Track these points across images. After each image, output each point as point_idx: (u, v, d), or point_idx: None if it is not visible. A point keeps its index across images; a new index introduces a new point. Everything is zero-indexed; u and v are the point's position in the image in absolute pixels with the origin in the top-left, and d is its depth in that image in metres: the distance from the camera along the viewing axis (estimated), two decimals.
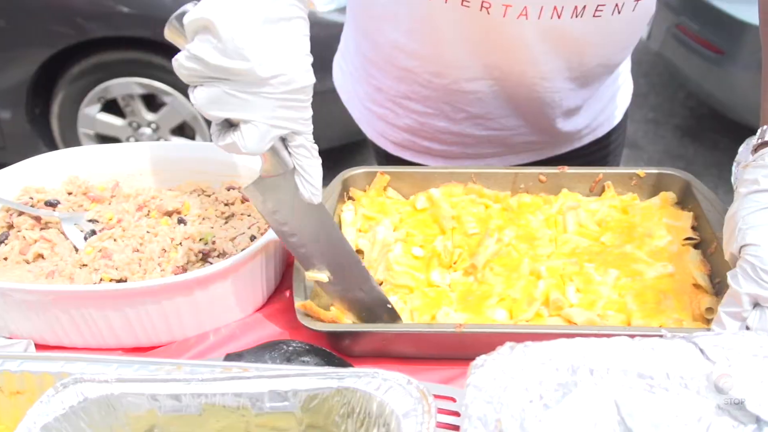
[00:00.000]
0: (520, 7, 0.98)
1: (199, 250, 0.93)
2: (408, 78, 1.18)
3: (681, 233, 0.98)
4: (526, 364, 0.63)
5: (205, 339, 0.90)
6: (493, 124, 1.21)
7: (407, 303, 0.89)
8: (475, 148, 1.26)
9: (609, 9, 1.00)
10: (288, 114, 0.70)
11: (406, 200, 1.08)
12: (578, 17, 1.00)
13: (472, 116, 1.20)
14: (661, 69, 3.98)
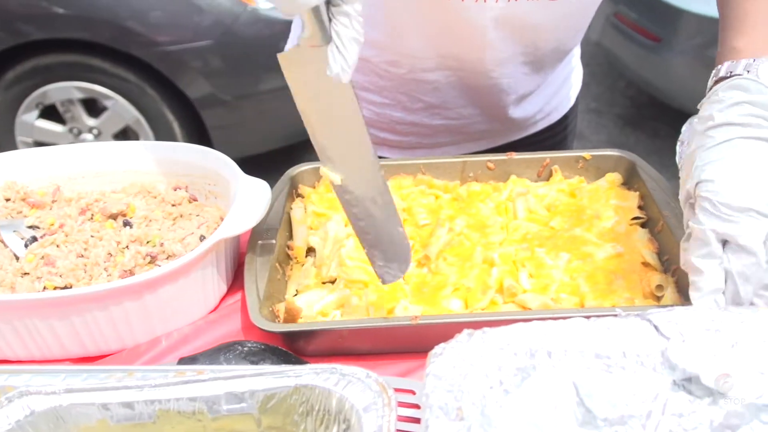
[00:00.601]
0: None
1: (146, 253, 0.91)
2: (365, 68, 1.17)
3: (628, 213, 0.99)
4: (485, 350, 0.63)
5: (157, 344, 0.87)
6: (450, 113, 1.22)
7: (362, 298, 0.88)
8: (431, 138, 1.25)
9: None
10: None
11: None
12: (535, 0, 1.01)
13: (429, 106, 1.19)
14: (601, 59, 4.05)
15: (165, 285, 0.84)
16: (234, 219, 0.88)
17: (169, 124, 2.81)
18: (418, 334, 0.81)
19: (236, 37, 2.63)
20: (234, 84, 2.76)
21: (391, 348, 0.84)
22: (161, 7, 2.57)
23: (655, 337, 0.63)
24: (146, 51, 2.60)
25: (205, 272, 0.89)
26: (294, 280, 0.94)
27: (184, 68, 2.66)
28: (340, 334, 0.82)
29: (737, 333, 0.63)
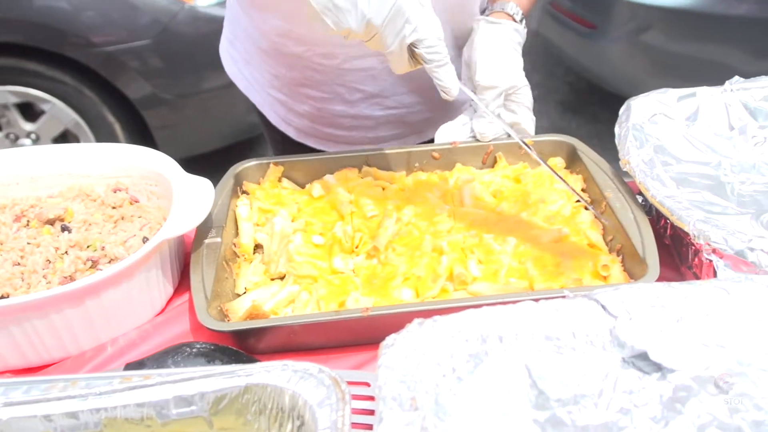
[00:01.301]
0: None
1: (87, 258, 0.88)
2: (299, 64, 1.15)
3: (572, 196, 1.01)
4: (436, 338, 0.63)
5: (103, 351, 0.85)
6: (390, 102, 1.21)
7: (312, 293, 0.87)
8: (375, 131, 1.25)
9: None
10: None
11: (302, 190, 1.06)
12: None
13: (368, 96, 1.18)
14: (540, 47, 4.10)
15: (107, 289, 0.82)
16: (176, 219, 0.86)
17: (111, 126, 2.74)
18: (371, 326, 0.80)
19: (175, 35, 2.58)
20: (175, 83, 2.70)
21: (344, 341, 0.84)
22: (95, 7, 2.49)
23: (602, 317, 0.64)
24: (82, 52, 2.53)
25: (149, 274, 0.86)
26: (242, 278, 0.92)
27: (123, 69, 2.59)
28: (291, 329, 0.81)
29: (681, 308, 0.64)
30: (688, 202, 0.88)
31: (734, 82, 1.07)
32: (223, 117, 2.90)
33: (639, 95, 1.05)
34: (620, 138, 0.98)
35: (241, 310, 0.84)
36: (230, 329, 0.80)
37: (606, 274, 0.88)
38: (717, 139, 1.03)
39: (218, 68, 2.75)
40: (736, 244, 0.79)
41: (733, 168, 0.99)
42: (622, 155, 0.96)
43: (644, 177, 0.91)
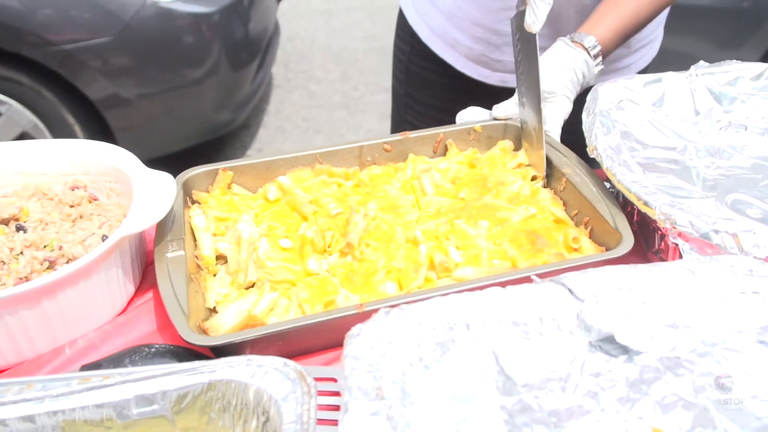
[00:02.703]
0: None
1: (44, 258, 0.85)
2: None
3: (528, 176, 1.02)
4: (403, 327, 0.62)
5: (61, 353, 0.82)
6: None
7: (292, 298, 0.84)
8: (496, 53, 1.26)
9: None
10: None
11: (253, 194, 1.03)
12: None
13: (506, 8, 1.20)
14: None
15: (65, 289, 0.79)
16: (137, 215, 0.84)
17: (71, 128, 2.67)
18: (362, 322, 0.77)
19: (137, 32, 2.52)
20: (138, 82, 2.64)
21: (333, 342, 0.81)
22: (52, 4, 2.42)
23: (570, 301, 0.64)
24: (39, 51, 2.45)
25: (108, 273, 0.84)
26: (210, 291, 0.88)
27: (83, 68, 2.52)
28: (283, 337, 0.77)
29: (647, 290, 0.64)
30: (654, 187, 0.88)
31: (699, 66, 1.08)
32: (190, 116, 2.85)
33: (606, 81, 1.05)
34: (587, 125, 0.98)
35: (224, 326, 0.79)
36: (226, 342, 0.75)
37: (577, 246, 0.90)
38: (683, 124, 1.04)
39: (182, 66, 2.72)
40: (701, 227, 0.80)
41: (699, 152, 1.00)
42: (590, 142, 0.96)
43: (611, 163, 0.91)
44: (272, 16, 3.38)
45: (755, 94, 1.06)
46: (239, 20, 2.86)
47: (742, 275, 0.66)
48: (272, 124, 3.69)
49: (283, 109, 3.81)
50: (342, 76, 4.08)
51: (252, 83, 3.06)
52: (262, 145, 3.51)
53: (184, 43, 2.64)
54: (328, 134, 3.54)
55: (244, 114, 3.11)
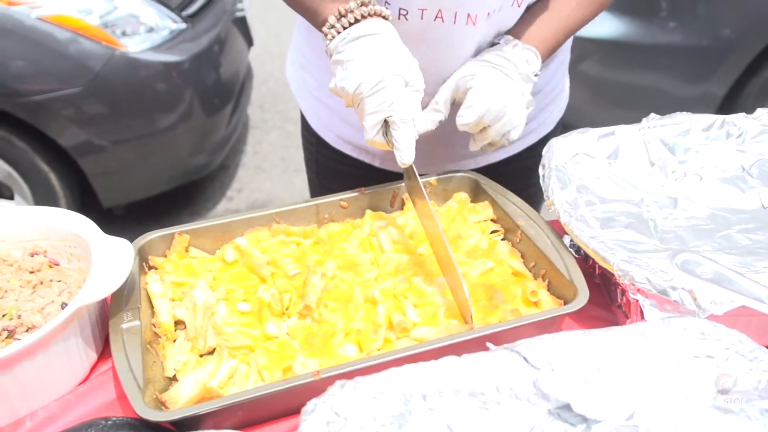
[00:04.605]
0: (435, 11, 1.05)
1: (2, 328, 0.84)
2: None
3: (486, 229, 1.03)
4: (359, 401, 0.61)
5: (21, 426, 0.80)
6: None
7: (251, 364, 0.83)
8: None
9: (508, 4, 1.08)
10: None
11: (212, 256, 1.02)
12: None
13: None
14: None
15: (22, 362, 0.78)
16: (95, 283, 0.84)
17: (45, 176, 2.66)
18: (319, 390, 0.76)
19: (107, 81, 2.53)
20: (110, 129, 2.65)
21: (296, 408, 0.78)
22: (22, 57, 2.43)
23: (525, 369, 0.64)
24: (9, 102, 2.46)
25: (68, 343, 0.83)
26: (169, 359, 0.86)
27: (54, 117, 2.52)
28: (242, 407, 0.76)
29: (601, 356, 0.64)
30: (612, 242, 0.89)
31: (651, 119, 1.10)
32: (165, 161, 2.85)
33: (560, 136, 1.07)
34: (544, 179, 0.99)
35: (182, 397, 0.78)
36: (181, 416, 0.74)
37: (536, 300, 0.90)
38: (638, 175, 1.05)
39: (155, 113, 2.73)
40: (659, 283, 0.81)
41: (656, 203, 1.01)
42: (547, 196, 0.97)
43: (569, 218, 0.92)
44: (244, 60, 3.41)
45: (708, 144, 1.08)
46: (210, 66, 2.89)
47: (695, 339, 0.67)
48: (251, 164, 3.69)
49: (260, 150, 3.82)
50: None
51: (227, 126, 3.08)
52: (242, 186, 3.51)
53: (155, 90, 2.66)
54: None
55: (220, 156, 3.12)
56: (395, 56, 0.94)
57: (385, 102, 0.94)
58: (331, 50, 0.98)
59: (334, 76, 0.98)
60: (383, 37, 0.95)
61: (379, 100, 0.94)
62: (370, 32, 0.95)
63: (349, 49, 0.95)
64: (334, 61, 0.97)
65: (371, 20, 0.96)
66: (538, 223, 0.99)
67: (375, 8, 0.96)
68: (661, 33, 2.85)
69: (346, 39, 0.95)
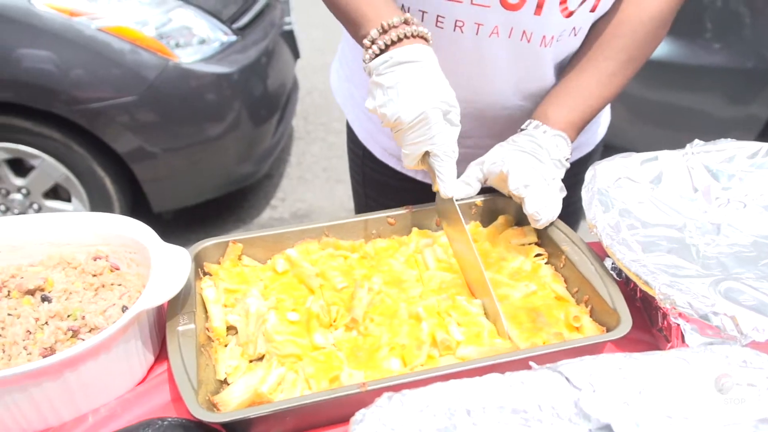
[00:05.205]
0: (491, 26, 1.07)
1: (68, 328, 0.89)
2: None
3: (530, 252, 1.04)
4: (405, 413, 0.64)
5: (84, 421, 0.85)
6: (469, 142, 1.25)
7: (299, 372, 0.86)
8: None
9: (567, 33, 1.11)
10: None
11: (263, 266, 1.06)
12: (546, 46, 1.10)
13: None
14: None
15: (86, 362, 0.82)
16: (154, 289, 0.88)
17: (101, 180, 2.76)
18: (364, 401, 0.77)
19: (160, 91, 2.62)
20: (162, 137, 2.74)
21: (337, 418, 0.82)
22: (82, 66, 2.53)
23: (567, 389, 0.66)
24: (69, 109, 2.56)
25: (128, 345, 0.87)
26: (221, 363, 0.90)
27: (110, 124, 2.62)
28: (291, 413, 0.79)
29: (643, 379, 0.66)
30: (654, 266, 0.91)
31: (695, 145, 1.11)
32: (213, 169, 2.93)
33: (603, 160, 1.08)
34: (586, 203, 1.00)
35: (233, 400, 0.82)
36: (233, 419, 0.77)
37: (578, 325, 0.91)
38: (681, 201, 1.06)
39: (205, 122, 2.81)
40: (700, 308, 0.82)
41: (698, 229, 1.02)
42: (589, 219, 0.98)
43: (611, 241, 0.94)
44: (290, 73, 3.48)
45: (752, 171, 1.09)
46: (258, 78, 2.96)
47: (737, 366, 0.68)
48: (294, 174, 3.76)
49: (304, 160, 3.89)
50: None
51: (273, 137, 3.15)
52: (285, 195, 3.57)
53: (206, 100, 2.74)
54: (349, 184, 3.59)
55: (266, 166, 3.19)
56: (436, 88, 0.95)
57: (426, 135, 0.96)
58: (371, 69, 0.98)
59: (373, 98, 0.99)
60: (424, 66, 0.96)
61: (420, 133, 0.96)
62: (411, 59, 0.95)
63: (391, 74, 0.96)
64: (374, 82, 0.98)
65: (413, 45, 0.96)
66: (582, 249, 1.00)
67: (418, 29, 0.97)
68: (705, 54, 2.83)
69: (388, 63, 0.96)
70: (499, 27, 1.08)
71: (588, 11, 1.09)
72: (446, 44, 1.11)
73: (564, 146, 1.10)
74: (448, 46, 1.11)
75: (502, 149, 1.10)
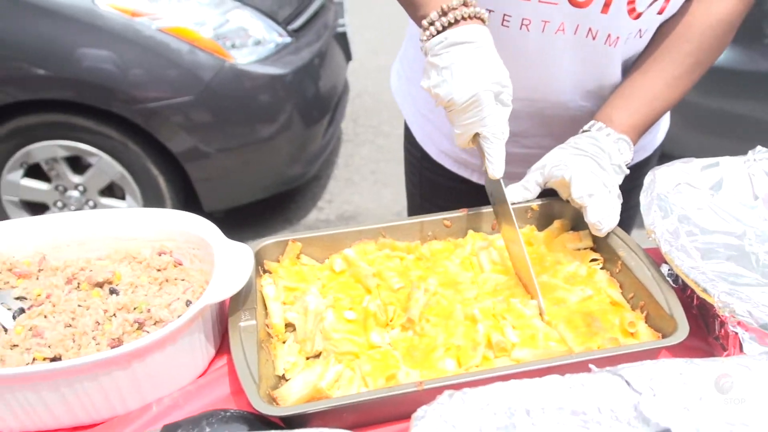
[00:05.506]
0: (557, 23, 1.08)
1: (134, 320, 0.92)
2: None
3: (585, 256, 1.04)
4: (466, 411, 0.65)
5: (148, 410, 0.88)
6: (529, 142, 1.27)
7: (356, 370, 0.88)
8: (509, 166, 1.29)
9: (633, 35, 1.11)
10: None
11: (321, 265, 1.08)
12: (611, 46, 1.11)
13: (510, 133, 1.23)
14: None
15: (153, 353, 0.86)
16: (218, 285, 0.90)
17: (155, 179, 2.83)
18: (419, 400, 0.78)
19: (216, 91, 2.68)
20: (216, 137, 2.80)
21: (392, 416, 0.84)
22: (141, 66, 2.61)
23: (627, 392, 0.66)
24: (127, 108, 2.64)
25: (192, 338, 0.90)
26: (279, 359, 0.93)
27: (166, 123, 2.69)
28: (349, 409, 0.81)
29: (703, 385, 0.66)
30: (712, 273, 0.90)
31: (757, 152, 1.09)
32: (264, 169, 2.98)
33: (663, 165, 1.08)
34: (645, 208, 1.00)
35: (292, 396, 0.84)
36: (294, 413, 0.79)
37: (633, 331, 0.90)
38: (741, 208, 1.05)
39: (257, 123, 2.87)
40: (761, 317, 0.81)
41: (758, 237, 1.00)
42: (648, 225, 0.98)
43: (669, 248, 0.93)
44: (342, 75, 3.51)
45: None
46: (310, 79, 3.00)
47: None
48: (342, 176, 3.79)
49: (352, 163, 3.92)
50: None
51: (323, 138, 3.18)
52: (332, 197, 3.61)
53: (259, 101, 2.79)
54: (396, 187, 3.62)
55: (315, 167, 3.23)
56: (489, 68, 0.97)
57: (478, 117, 0.98)
58: (426, 49, 1.00)
59: (428, 77, 1.00)
60: (480, 46, 0.97)
61: (472, 114, 0.98)
62: (467, 40, 0.96)
63: (446, 54, 0.97)
64: (430, 62, 1.00)
65: (470, 25, 0.97)
66: (639, 254, 0.99)
67: (475, 10, 0.98)
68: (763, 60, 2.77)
69: (444, 43, 0.97)
70: (565, 24, 1.09)
71: (655, 13, 1.09)
72: (511, 44, 1.11)
73: (626, 151, 1.10)
74: (513, 46, 1.12)
75: (563, 152, 1.10)
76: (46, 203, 2.96)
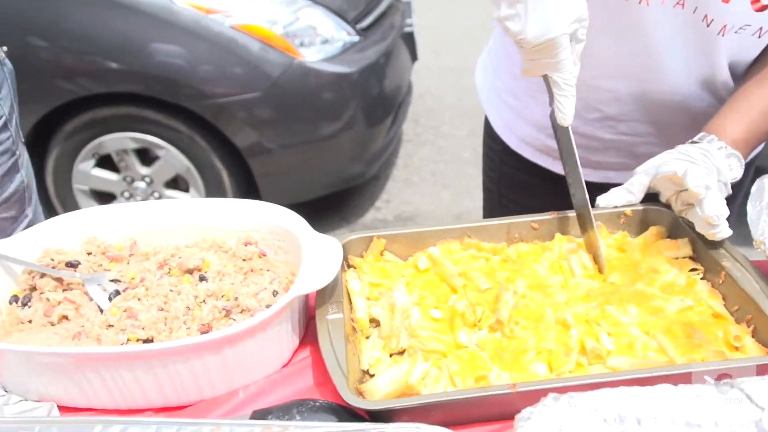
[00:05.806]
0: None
1: (222, 307, 0.93)
2: None
3: (684, 266, 1.00)
4: (573, 415, 0.64)
5: (235, 396, 0.89)
6: (623, 127, 1.23)
7: (443, 369, 0.87)
8: (597, 155, 1.26)
9: (751, 30, 1.05)
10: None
11: (405, 262, 1.07)
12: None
13: (604, 117, 1.21)
14: None
15: (244, 340, 0.87)
16: (307, 277, 0.91)
17: (218, 173, 2.88)
18: (511, 402, 0.79)
19: (283, 89, 2.71)
20: (279, 133, 2.83)
21: (479, 417, 0.83)
22: (211, 62, 2.65)
23: (748, 407, 0.63)
24: (197, 103, 2.69)
25: (280, 328, 0.91)
26: (364, 353, 0.93)
27: (233, 119, 2.73)
28: (438, 407, 0.80)
29: None
30: None
31: None
32: (325, 167, 3.00)
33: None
34: (752, 218, 0.96)
35: (380, 390, 0.84)
36: (383, 407, 0.79)
37: (739, 345, 0.87)
38: None
39: (321, 120, 2.89)
40: None
41: None
42: (756, 236, 0.94)
43: None
44: (407, 75, 3.51)
45: None
46: (376, 79, 3.01)
47: None
48: (401, 177, 3.79)
49: (411, 163, 3.92)
50: (471, 133, 4.15)
51: (385, 138, 3.19)
52: (390, 197, 3.61)
53: (324, 99, 2.81)
54: (456, 189, 3.60)
55: (375, 167, 3.24)
56: (569, 7, 0.90)
57: (551, 59, 0.93)
58: None
59: (497, 7, 0.93)
60: None
61: (545, 54, 0.93)
62: None
63: None
64: None
65: None
66: (745, 265, 0.95)
67: None
68: None
69: None
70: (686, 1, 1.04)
71: None
72: (628, 16, 1.07)
73: (737, 168, 1.05)
74: (630, 18, 1.08)
75: (670, 156, 1.05)
76: (113, 193, 3.03)
